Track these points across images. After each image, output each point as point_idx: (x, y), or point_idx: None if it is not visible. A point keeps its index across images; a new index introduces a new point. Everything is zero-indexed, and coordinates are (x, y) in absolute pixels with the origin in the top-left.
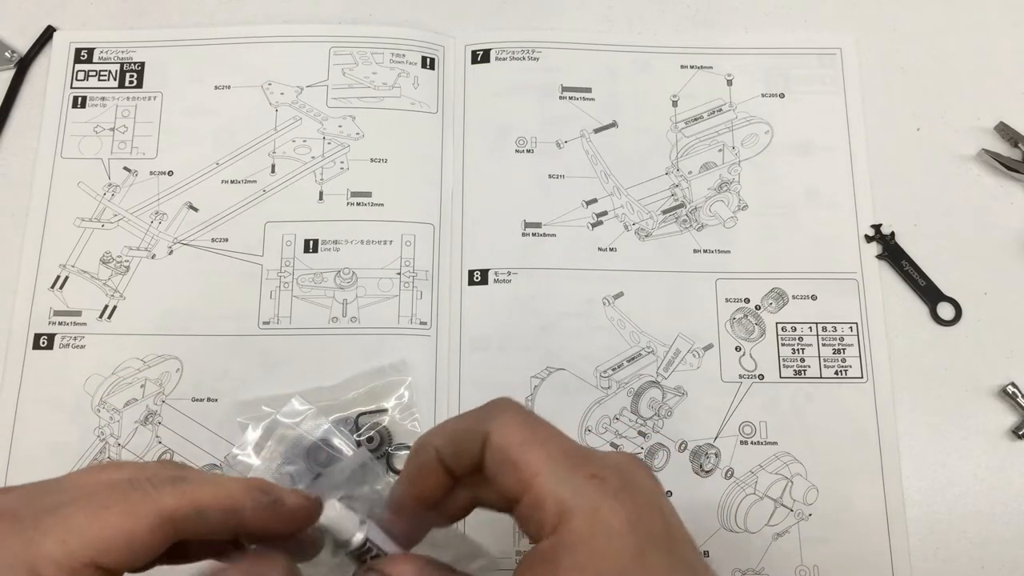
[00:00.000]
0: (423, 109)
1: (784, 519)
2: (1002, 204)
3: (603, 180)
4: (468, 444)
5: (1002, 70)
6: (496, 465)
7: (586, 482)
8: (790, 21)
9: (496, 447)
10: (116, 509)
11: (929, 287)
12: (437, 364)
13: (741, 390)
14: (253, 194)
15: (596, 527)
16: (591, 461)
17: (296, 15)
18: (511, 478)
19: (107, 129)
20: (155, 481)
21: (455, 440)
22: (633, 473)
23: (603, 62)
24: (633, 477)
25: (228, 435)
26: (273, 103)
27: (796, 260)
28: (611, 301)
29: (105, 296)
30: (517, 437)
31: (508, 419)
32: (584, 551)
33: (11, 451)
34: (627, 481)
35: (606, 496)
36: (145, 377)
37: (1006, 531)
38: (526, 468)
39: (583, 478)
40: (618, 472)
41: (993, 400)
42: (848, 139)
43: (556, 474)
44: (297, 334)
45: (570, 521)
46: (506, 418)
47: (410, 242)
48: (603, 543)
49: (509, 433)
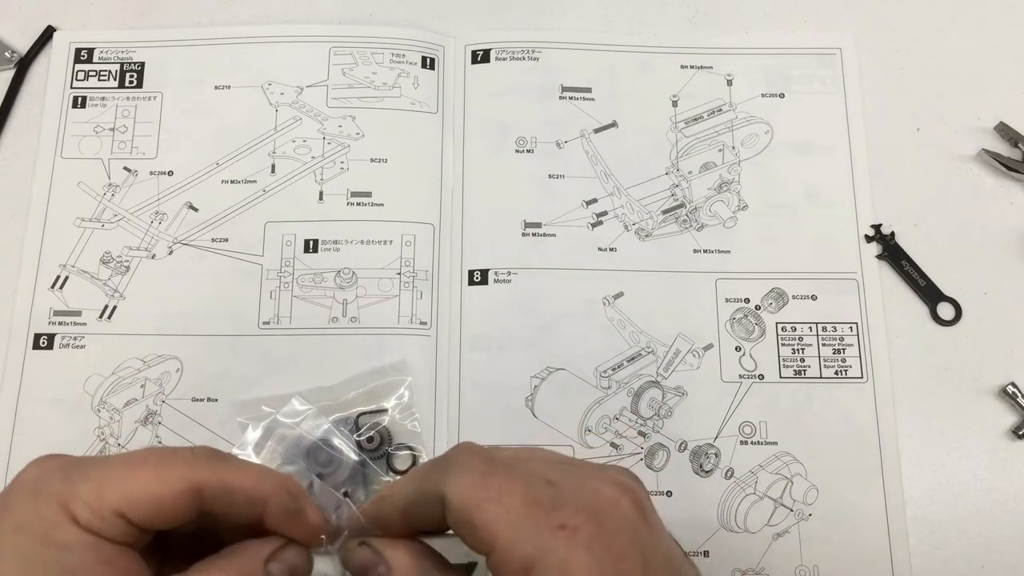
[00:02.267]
0: (423, 109)
1: (784, 519)
2: (1002, 204)
3: (603, 180)
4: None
5: (1002, 70)
6: (458, 526)
7: (553, 535)
8: (790, 21)
9: (454, 509)
10: (151, 469)
11: (929, 287)
12: (437, 364)
13: (741, 390)
14: (253, 194)
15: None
16: (559, 507)
17: (296, 15)
18: (473, 538)
19: (107, 129)
20: (197, 452)
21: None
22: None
23: (603, 62)
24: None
25: (228, 435)
26: (273, 103)
27: (796, 260)
28: (611, 301)
29: (105, 296)
30: (473, 496)
31: (462, 476)
32: None
33: (11, 451)
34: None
35: (575, 548)
36: (145, 377)
37: (1006, 531)
38: (485, 529)
39: (550, 530)
40: (592, 517)
41: (993, 400)
42: (848, 139)
43: (519, 531)
44: (297, 334)
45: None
46: (460, 475)
47: (410, 242)
48: None
49: (464, 493)
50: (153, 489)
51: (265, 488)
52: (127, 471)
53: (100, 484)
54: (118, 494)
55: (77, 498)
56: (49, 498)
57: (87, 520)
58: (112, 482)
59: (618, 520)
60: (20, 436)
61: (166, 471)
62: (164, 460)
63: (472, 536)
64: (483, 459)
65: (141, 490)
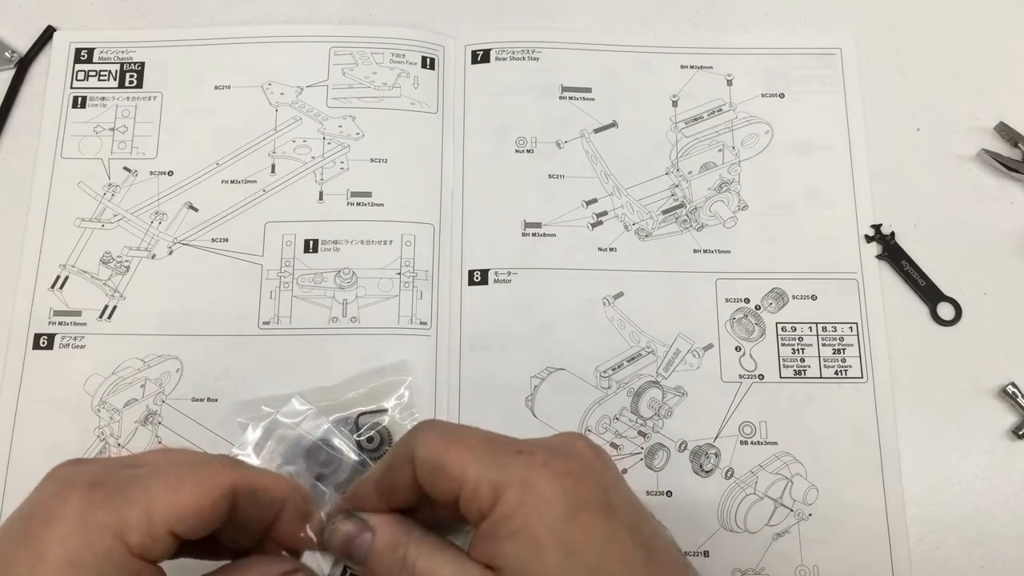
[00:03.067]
0: (423, 109)
1: (784, 519)
2: (1002, 204)
3: (603, 180)
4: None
5: (1002, 70)
6: (427, 477)
7: (513, 459)
8: (790, 21)
9: (422, 461)
10: (190, 482)
11: (929, 287)
12: (437, 364)
13: (741, 390)
14: (253, 194)
15: (527, 495)
16: (516, 443)
17: (296, 15)
18: (443, 482)
19: (107, 129)
20: (222, 459)
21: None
22: (566, 445)
23: (603, 62)
24: (566, 449)
25: (228, 435)
26: (273, 103)
27: (796, 260)
28: (611, 301)
29: (105, 296)
30: (439, 445)
31: (427, 434)
32: (518, 518)
33: (11, 451)
34: (557, 452)
35: (534, 467)
36: (145, 377)
37: (1006, 531)
38: (452, 466)
39: (509, 456)
40: (546, 446)
41: (993, 400)
42: (848, 139)
43: (482, 461)
44: (297, 334)
45: (503, 495)
46: (425, 434)
47: (410, 242)
48: (535, 510)
49: (431, 445)
50: (198, 501)
51: (284, 489)
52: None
53: (148, 508)
54: (167, 513)
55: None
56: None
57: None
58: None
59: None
60: (20, 436)
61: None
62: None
63: (441, 479)
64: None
65: (187, 505)
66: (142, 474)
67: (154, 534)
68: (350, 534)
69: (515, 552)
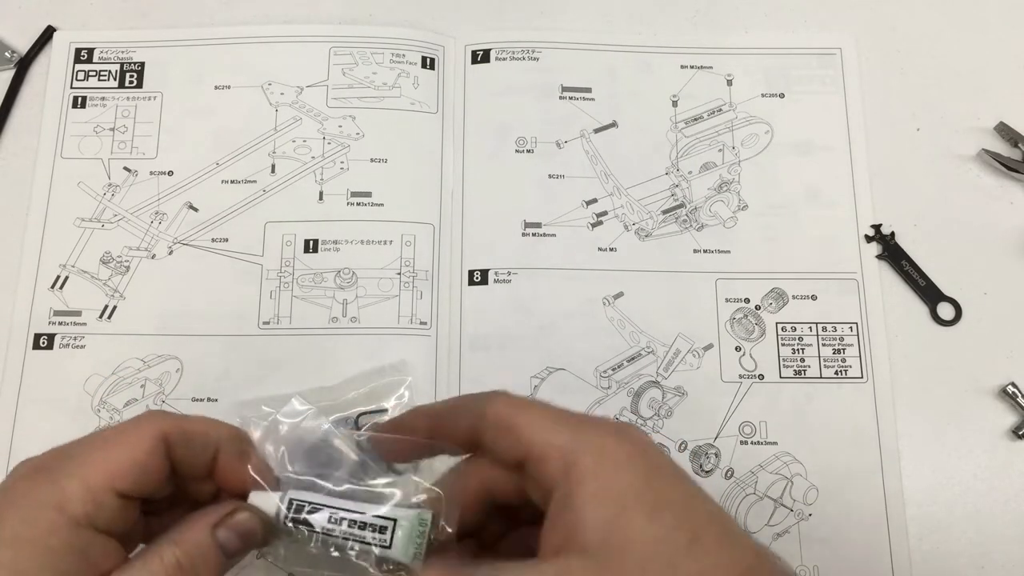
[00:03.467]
0: (423, 109)
1: (784, 519)
2: (1002, 204)
3: (603, 180)
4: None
5: (1002, 70)
6: (494, 435)
7: (585, 427)
8: (790, 21)
9: (492, 419)
10: (120, 440)
11: (929, 287)
12: (437, 364)
13: (741, 390)
14: (253, 194)
15: (604, 460)
16: (584, 416)
17: (296, 15)
18: (511, 443)
19: (107, 129)
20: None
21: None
22: (625, 425)
23: (603, 62)
24: (626, 427)
25: None
26: (273, 103)
27: (796, 260)
28: (611, 301)
29: (105, 296)
30: (510, 408)
31: (500, 396)
32: (596, 482)
33: (11, 451)
34: (621, 427)
35: (608, 434)
36: (145, 377)
37: (1006, 531)
38: (524, 428)
39: (580, 426)
40: (611, 421)
41: (993, 400)
42: (848, 139)
43: (554, 427)
44: (297, 334)
45: (578, 462)
46: (498, 396)
47: (410, 242)
48: (612, 473)
49: (502, 406)
50: (132, 455)
51: (216, 431)
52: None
53: (83, 475)
54: (103, 475)
55: (68, 498)
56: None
57: (85, 513)
58: (93, 468)
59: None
60: (20, 436)
61: (129, 436)
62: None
63: (511, 440)
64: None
65: (121, 461)
66: (81, 448)
67: (97, 499)
68: None
69: (598, 514)
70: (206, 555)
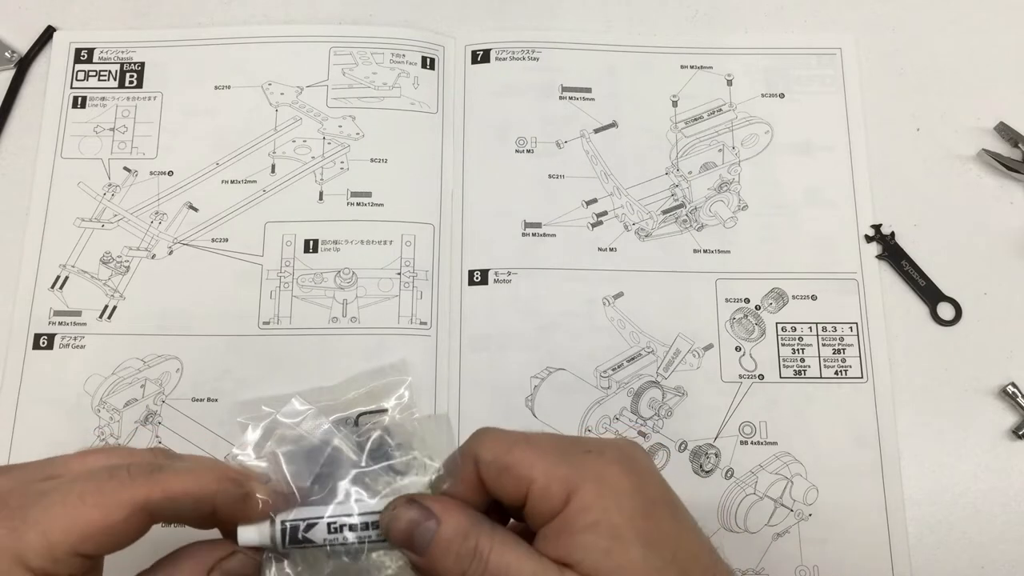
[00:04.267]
0: (423, 109)
1: (784, 519)
2: (1002, 204)
3: (603, 180)
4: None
5: (1002, 70)
6: (494, 478)
7: (583, 457)
8: (790, 21)
9: (488, 464)
10: (92, 501)
11: (929, 287)
12: (437, 364)
13: (741, 390)
14: (253, 194)
15: (604, 490)
16: (582, 442)
17: (296, 15)
18: (511, 482)
19: (107, 129)
20: (132, 471)
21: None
22: (626, 447)
23: (603, 62)
24: (627, 450)
25: (228, 435)
26: (273, 103)
27: (796, 260)
28: (611, 301)
29: (105, 296)
30: (501, 446)
31: (490, 436)
32: (596, 511)
33: (11, 451)
34: (623, 453)
35: (608, 463)
36: (145, 377)
37: (1006, 531)
38: (520, 466)
39: (579, 454)
40: (612, 446)
41: (993, 400)
42: (848, 139)
43: (551, 459)
44: (297, 334)
45: (578, 491)
46: (485, 437)
47: (410, 242)
48: (613, 502)
49: (494, 447)
50: (98, 522)
51: (208, 485)
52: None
53: (46, 529)
54: (65, 535)
55: (28, 549)
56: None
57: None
58: (58, 525)
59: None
60: (20, 436)
61: (106, 499)
62: (102, 489)
63: (510, 479)
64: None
65: (86, 525)
66: (48, 489)
67: (55, 556)
68: (413, 520)
69: (596, 543)
70: None
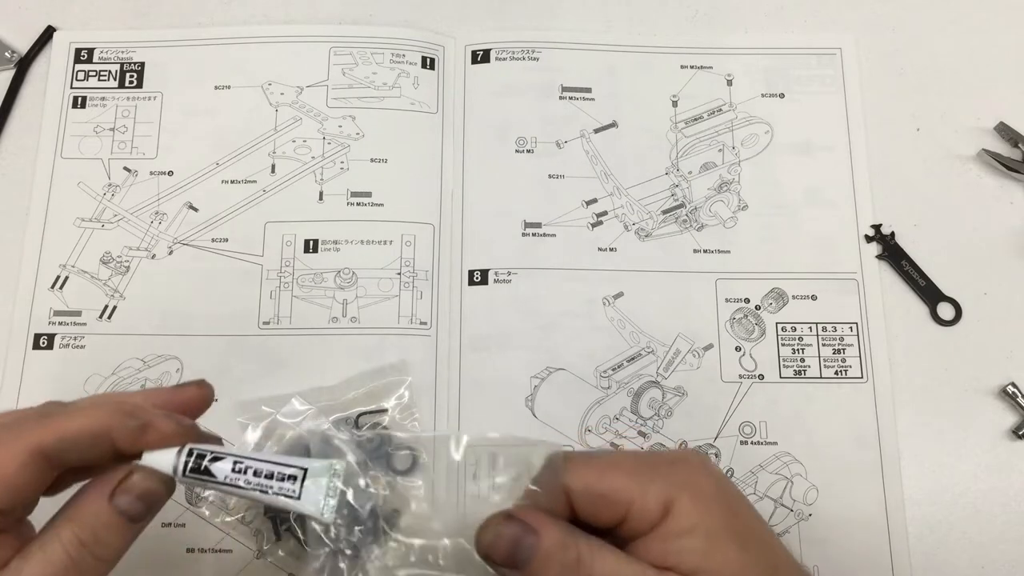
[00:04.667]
0: (423, 109)
1: (784, 519)
2: (1002, 204)
3: (603, 180)
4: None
5: (1002, 70)
6: (589, 507)
7: (673, 469)
8: (790, 21)
9: (580, 493)
10: None
11: (929, 287)
12: (437, 364)
13: (741, 390)
14: (253, 194)
15: (698, 496)
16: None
17: (296, 15)
18: (607, 509)
19: (107, 129)
20: (21, 420)
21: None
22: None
23: (603, 62)
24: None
25: (228, 435)
26: (273, 103)
27: (796, 260)
28: (611, 301)
29: (105, 296)
30: (592, 474)
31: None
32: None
33: None
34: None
35: (696, 472)
36: (145, 377)
37: (1006, 531)
38: (618, 491)
39: (665, 467)
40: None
41: (993, 400)
42: (848, 139)
43: (646, 478)
44: (297, 334)
45: (676, 502)
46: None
47: (410, 242)
48: (707, 507)
49: (584, 476)
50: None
51: (102, 420)
52: None
53: None
54: None
55: None
56: None
57: None
58: None
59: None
60: None
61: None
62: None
63: (606, 506)
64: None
65: None
66: None
67: None
68: (515, 537)
69: (693, 546)
70: (108, 526)
